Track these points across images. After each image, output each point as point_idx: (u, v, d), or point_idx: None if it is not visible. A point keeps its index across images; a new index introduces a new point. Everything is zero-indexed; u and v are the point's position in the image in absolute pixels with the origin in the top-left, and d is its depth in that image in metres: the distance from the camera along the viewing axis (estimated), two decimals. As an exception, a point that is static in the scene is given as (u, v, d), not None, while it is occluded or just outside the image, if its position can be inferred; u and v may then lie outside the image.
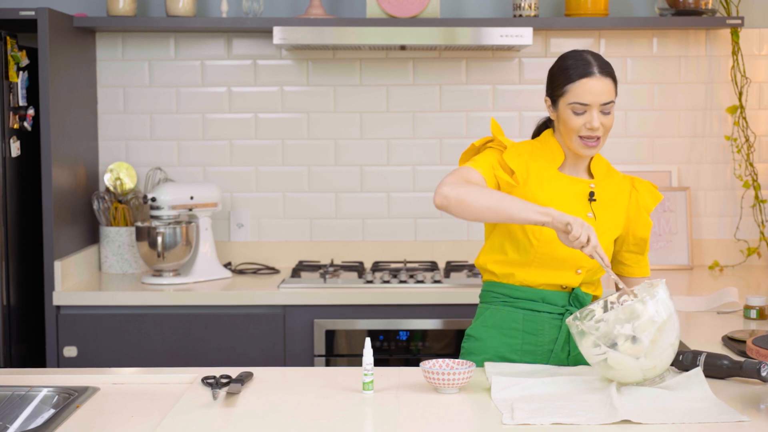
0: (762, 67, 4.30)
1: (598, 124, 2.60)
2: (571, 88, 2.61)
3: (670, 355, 2.35)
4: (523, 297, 2.70)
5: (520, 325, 2.70)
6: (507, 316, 2.72)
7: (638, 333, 2.30)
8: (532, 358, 2.70)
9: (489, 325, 2.73)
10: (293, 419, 2.25)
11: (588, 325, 2.34)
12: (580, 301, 2.70)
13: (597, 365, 2.37)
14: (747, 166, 4.28)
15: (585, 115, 2.61)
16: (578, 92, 2.60)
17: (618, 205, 2.74)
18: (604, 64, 2.64)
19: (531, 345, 2.70)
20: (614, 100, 2.64)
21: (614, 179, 2.77)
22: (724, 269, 4.24)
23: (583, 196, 2.70)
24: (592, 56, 2.65)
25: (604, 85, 2.61)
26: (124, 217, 4.13)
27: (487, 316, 2.75)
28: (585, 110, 2.61)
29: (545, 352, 2.70)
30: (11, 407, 2.41)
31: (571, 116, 2.62)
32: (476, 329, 2.76)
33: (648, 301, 2.32)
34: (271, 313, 3.76)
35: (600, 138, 2.64)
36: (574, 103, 2.61)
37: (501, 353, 2.71)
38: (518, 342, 2.70)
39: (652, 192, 2.78)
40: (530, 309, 2.70)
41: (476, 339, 2.75)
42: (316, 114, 4.31)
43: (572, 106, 2.62)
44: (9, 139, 3.68)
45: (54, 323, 3.73)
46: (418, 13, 4.04)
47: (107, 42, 4.27)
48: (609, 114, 2.63)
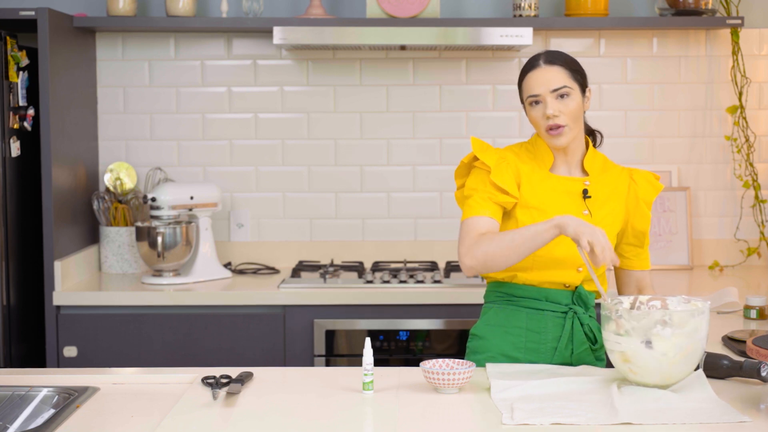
0: (762, 67, 4.30)
1: (552, 111, 2.64)
2: (523, 85, 2.70)
3: (685, 372, 2.36)
4: (527, 296, 2.71)
5: (524, 324, 2.71)
6: (510, 315, 2.72)
7: (678, 339, 2.30)
8: (536, 356, 2.70)
9: (493, 323, 2.74)
10: (293, 419, 2.25)
11: (633, 313, 2.32)
12: (584, 300, 2.70)
13: (613, 354, 2.36)
14: (747, 166, 4.28)
15: (541, 106, 2.66)
16: (528, 86, 2.68)
17: (616, 199, 2.74)
18: (553, 55, 2.69)
19: (534, 343, 2.70)
20: (568, 85, 2.65)
21: (611, 173, 2.77)
22: (724, 269, 4.24)
23: (578, 194, 2.71)
24: (545, 51, 2.72)
25: (550, 72, 2.66)
26: (124, 217, 4.13)
27: (490, 315, 2.76)
28: (539, 101, 2.66)
29: (549, 350, 2.70)
30: (11, 407, 2.41)
31: (530, 111, 2.69)
32: (480, 328, 2.77)
33: (700, 316, 2.33)
34: (271, 313, 3.76)
35: (564, 126, 2.65)
36: (528, 96, 2.68)
37: (505, 351, 2.71)
38: (522, 340, 2.71)
39: (651, 183, 2.78)
40: (533, 308, 2.71)
41: (480, 338, 2.76)
42: (316, 114, 4.31)
43: (528, 100, 2.69)
44: (9, 139, 3.68)
45: (54, 323, 3.73)
46: (418, 13, 4.04)
47: (107, 42, 4.27)
48: (567, 99, 2.65)
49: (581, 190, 2.71)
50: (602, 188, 2.73)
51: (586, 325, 2.71)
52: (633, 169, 2.80)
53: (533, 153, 2.74)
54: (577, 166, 2.74)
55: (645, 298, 2.48)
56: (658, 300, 2.47)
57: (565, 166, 2.74)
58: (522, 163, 2.71)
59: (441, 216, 4.32)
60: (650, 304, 2.47)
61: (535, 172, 2.71)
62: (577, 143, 2.72)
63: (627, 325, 2.32)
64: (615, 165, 2.80)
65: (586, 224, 2.50)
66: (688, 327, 2.30)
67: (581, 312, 2.70)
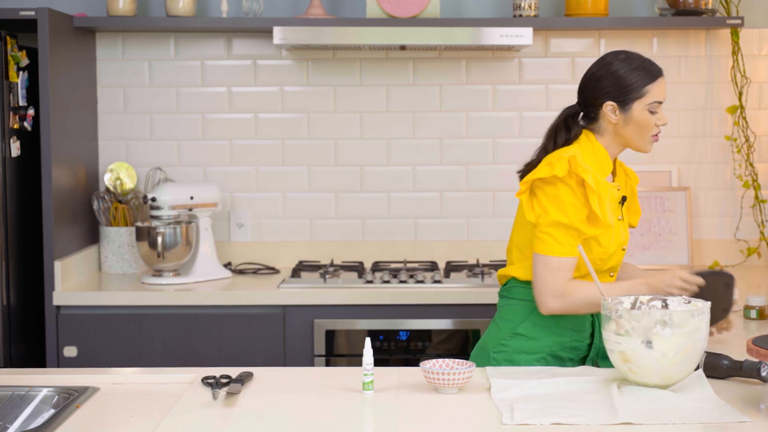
0: (762, 67, 4.30)
1: (666, 121, 2.71)
2: (651, 88, 2.68)
3: (685, 372, 2.36)
4: None
5: (570, 324, 2.75)
6: (559, 316, 2.74)
7: (678, 339, 2.30)
8: (575, 353, 2.77)
9: (541, 324, 2.75)
10: (293, 419, 2.25)
11: (633, 312, 2.33)
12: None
13: (613, 354, 2.36)
14: (747, 166, 4.28)
15: (659, 114, 2.69)
16: (657, 92, 2.68)
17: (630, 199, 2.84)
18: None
19: (576, 342, 2.76)
20: None
21: (623, 174, 2.84)
22: (724, 269, 4.24)
23: (616, 200, 2.75)
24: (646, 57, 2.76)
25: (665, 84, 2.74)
26: (124, 217, 4.13)
27: (536, 315, 2.75)
28: (657, 109, 2.69)
29: (584, 347, 2.77)
30: (11, 407, 2.41)
31: (648, 116, 2.68)
32: (528, 329, 2.76)
33: (700, 316, 2.33)
34: (271, 313, 3.76)
35: None
36: (654, 102, 2.68)
37: (554, 351, 2.76)
38: (567, 340, 2.76)
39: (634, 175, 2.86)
40: None
41: (529, 338, 2.76)
42: (316, 114, 4.31)
43: (651, 105, 2.67)
44: (9, 139, 3.68)
45: (54, 323, 3.73)
46: (418, 13, 4.04)
47: (107, 42, 4.27)
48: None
49: (620, 197, 2.76)
50: (626, 190, 2.81)
51: None
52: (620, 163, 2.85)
53: (599, 161, 2.72)
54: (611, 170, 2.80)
55: (645, 298, 2.49)
56: (659, 300, 2.47)
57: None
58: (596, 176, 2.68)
59: (441, 216, 4.32)
60: (650, 304, 2.47)
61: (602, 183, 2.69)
62: None
63: (627, 325, 2.32)
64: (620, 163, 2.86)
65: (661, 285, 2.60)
66: (688, 327, 2.30)
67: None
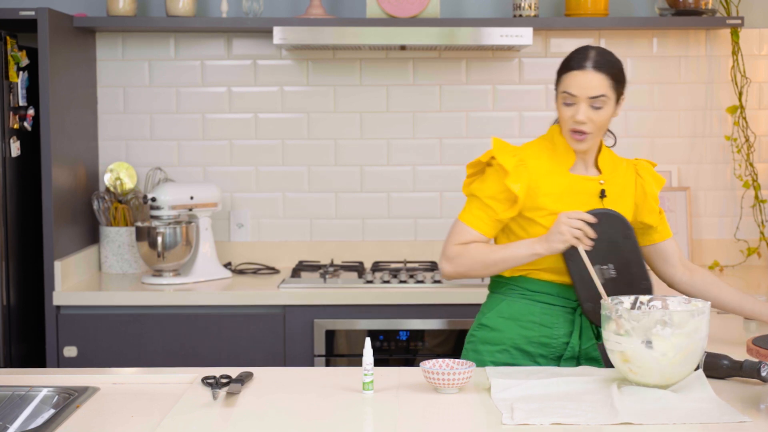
0: (762, 67, 4.30)
1: (582, 118, 2.63)
2: (563, 78, 2.67)
3: (685, 372, 2.36)
4: (540, 290, 2.73)
5: (537, 318, 2.73)
6: (524, 309, 2.74)
7: (677, 339, 2.30)
8: (547, 350, 2.73)
9: (506, 316, 2.75)
10: (293, 419, 2.25)
11: (633, 312, 2.33)
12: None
13: (613, 354, 2.36)
14: (747, 166, 4.28)
15: (573, 108, 2.65)
16: (567, 83, 2.65)
17: (627, 196, 2.77)
18: (603, 61, 2.65)
19: (546, 338, 2.73)
20: (606, 95, 2.64)
21: (620, 170, 2.78)
22: (724, 269, 4.24)
23: (595, 194, 2.71)
24: (596, 51, 2.67)
25: (595, 79, 2.63)
26: (124, 217, 4.13)
27: (503, 307, 2.76)
28: (574, 102, 2.64)
29: (560, 345, 2.73)
30: (11, 407, 2.41)
31: (562, 107, 2.67)
32: (492, 320, 2.77)
33: (700, 316, 2.33)
34: (271, 313, 3.76)
35: (589, 134, 2.66)
36: (564, 92, 2.66)
37: (518, 344, 2.74)
38: (535, 334, 2.73)
39: (655, 176, 2.80)
40: (546, 302, 2.73)
41: (493, 329, 2.76)
42: (316, 114, 4.31)
43: (563, 96, 2.66)
44: (9, 139, 3.68)
45: (54, 323, 3.73)
46: (418, 13, 4.04)
47: (107, 42, 4.27)
48: (600, 109, 2.64)
49: (598, 190, 2.71)
50: (615, 186, 2.75)
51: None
52: (637, 161, 2.82)
53: (553, 151, 2.73)
54: (592, 164, 2.76)
55: (645, 298, 2.49)
56: (659, 300, 2.47)
57: (583, 164, 2.75)
58: (541, 164, 2.71)
59: (441, 216, 4.32)
60: (650, 304, 2.47)
61: (554, 172, 2.71)
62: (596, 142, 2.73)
63: (627, 325, 2.32)
64: (621, 159, 2.82)
65: (551, 235, 2.57)
66: (688, 327, 2.30)
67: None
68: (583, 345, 2.74)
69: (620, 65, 2.70)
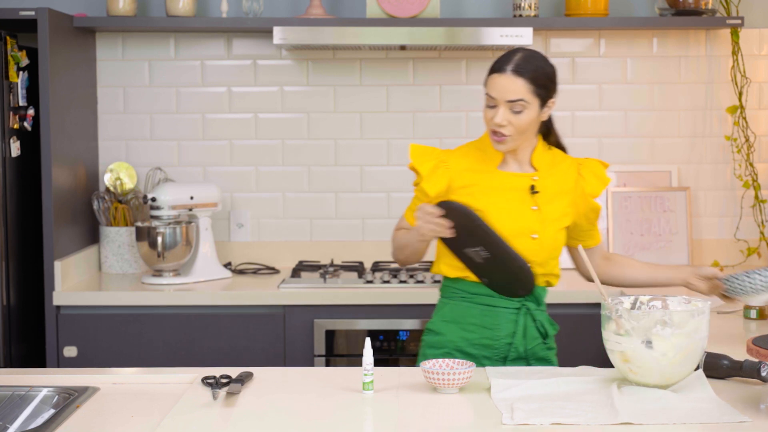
0: (762, 67, 4.30)
1: (500, 120, 2.65)
2: (487, 80, 2.70)
3: (685, 372, 2.36)
4: (480, 292, 2.75)
5: (478, 320, 2.75)
6: (465, 311, 2.76)
7: (678, 339, 2.30)
8: (490, 352, 2.75)
9: (448, 319, 2.78)
10: (293, 419, 2.25)
11: (633, 312, 2.33)
12: (535, 296, 2.76)
13: (613, 354, 2.36)
14: (747, 166, 4.28)
15: (493, 110, 2.67)
16: (489, 85, 2.68)
17: (564, 194, 2.77)
18: (525, 66, 2.65)
19: (488, 339, 2.75)
20: (526, 99, 2.64)
21: (560, 168, 2.79)
22: (724, 269, 4.24)
23: (525, 190, 2.74)
24: (521, 55, 2.67)
25: (514, 84, 2.64)
26: (124, 217, 4.13)
27: (446, 311, 2.80)
28: (494, 104, 2.67)
29: (503, 346, 2.74)
30: (11, 407, 2.41)
31: (485, 108, 2.70)
32: (436, 324, 2.81)
33: (700, 316, 2.33)
34: (271, 313, 3.76)
35: (508, 136, 2.67)
36: (486, 94, 2.69)
37: (460, 347, 2.76)
38: (476, 336, 2.75)
39: (598, 176, 2.80)
40: (487, 304, 2.75)
41: (436, 333, 2.80)
42: (316, 114, 4.31)
43: (486, 97, 2.69)
44: (9, 139, 3.68)
45: (54, 323, 3.73)
46: (418, 13, 4.04)
47: (107, 42, 4.27)
48: (520, 113, 2.65)
49: (529, 186, 2.73)
50: (551, 183, 2.76)
51: (538, 320, 2.76)
52: (582, 160, 2.83)
53: (483, 151, 2.78)
54: (527, 162, 2.78)
55: (645, 298, 2.49)
56: (659, 300, 2.47)
57: (516, 163, 2.77)
58: (467, 162, 2.75)
59: (441, 216, 4.31)
60: (650, 304, 2.47)
61: (483, 171, 2.75)
62: (526, 143, 2.74)
63: (627, 325, 2.32)
64: (566, 157, 2.82)
65: (419, 221, 2.61)
66: (688, 327, 2.30)
67: (533, 308, 2.76)
68: (528, 345, 2.75)
69: (547, 70, 2.68)
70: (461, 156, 2.77)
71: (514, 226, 2.69)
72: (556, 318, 2.84)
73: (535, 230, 2.70)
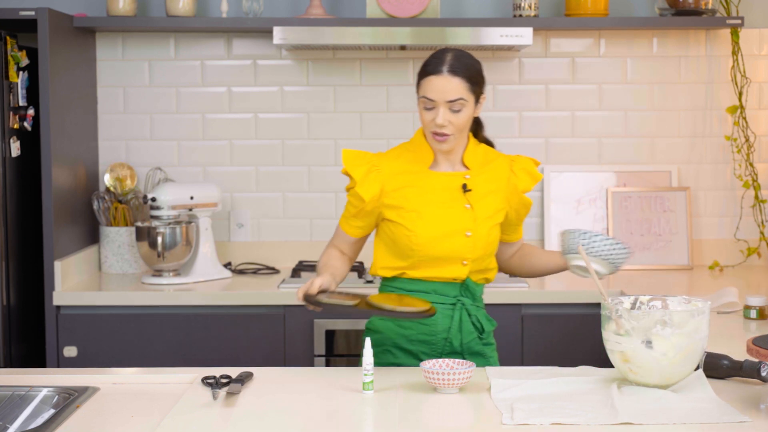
0: (762, 67, 4.30)
1: (441, 121, 2.68)
2: (422, 83, 2.72)
3: (685, 372, 2.36)
4: (416, 290, 2.78)
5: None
6: None
7: (677, 339, 2.30)
8: (428, 347, 2.78)
9: (385, 317, 2.80)
10: (293, 419, 2.25)
11: (633, 312, 2.33)
12: (471, 291, 2.79)
13: (613, 354, 2.36)
14: (747, 166, 4.28)
15: (433, 111, 2.69)
16: (426, 88, 2.70)
17: (496, 191, 2.80)
18: (458, 64, 2.68)
19: (425, 335, 2.77)
20: (464, 97, 2.67)
21: (493, 165, 2.82)
22: (724, 269, 4.24)
23: (458, 189, 2.76)
24: (452, 55, 2.70)
25: (451, 83, 2.67)
26: (124, 217, 4.13)
27: None
28: (433, 106, 2.69)
29: (440, 341, 2.78)
30: (11, 407, 2.41)
31: (422, 111, 2.72)
32: (375, 322, 2.84)
33: (700, 316, 2.33)
34: (271, 313, 3.76)
35: (450, 135, 2.70)
36: (423, 97, 2.70)
37: (399, 344, 2.79)
38: (413, 332, 2.78)
39: (529, 172, 2.84)
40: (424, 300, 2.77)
41: (375, 331, 2.83)
42: (316, 114, 4.31)
43: (422, 100, 2.71)
44: (9, 139, 3.68)
45: (54, 323, 3.73)
46: (418, 13, 4.04)
47: (107, 42, 4.27)
48: (459, 112, 2.68)
49: (461, 185, 2.76)
50: (483, 181, 2.79)
51: (474, 315, 2.79)
52: (514, 157, 2.86)
53: (414, 152, 2.80)
54: (459, 162, 2.80)
55: (645, 298, 2.49)
56: (659, 300, 2.47)
57: (448, 163, 2.80)
58: (399, 165, 2.77)
59: (441, 216, 4.31)
60: (650, 304, 2.47)
61: (415, 172, 2.77)
62: (459, 142, 2.77)
63: (627, 325, 2.32)
64: (498, 155, 2.85)
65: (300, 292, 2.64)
66: (688, 327, 2.30)
67: (469, 303, 2.79)
68: (464, 339, 2.78)
69: (477, 67, 2.73)
70: (393, 159, 2.80)
71: (448, 225, 2.73)
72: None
73: (468, 228, 2.74)
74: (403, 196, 2.74)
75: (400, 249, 2.75)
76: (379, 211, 2.77)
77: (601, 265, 2.71)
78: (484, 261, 2.79)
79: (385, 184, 2.75)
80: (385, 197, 2.75)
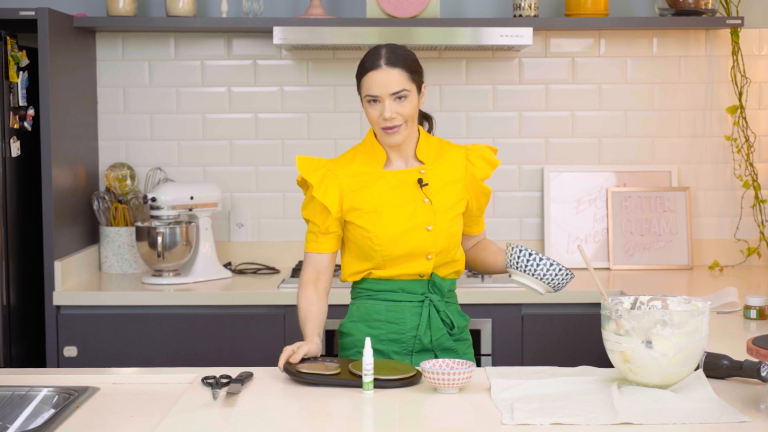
0: (762, 67, 4.30)
1: (389, 114, 2.68)
2: (362, 82, 2.72)
3: (685, 372, 2.36)
4: (384, 289, 2.79)
5: (383, 316, 2.79)
6: (370, 309, 2.81)
7: (677, 339, 2.30)
8: (398, 346, 2.78)
9: (355, 319, 2.82)
10: (293, 419, 2.25)
11: (633, 312, 2.33)
12: (438, 287, 2.79)
13: (613, 354, 2.36)
14: (747, 166, 4.28)
15: (379, 106, 2.70)
16: (367, 85, 2.70)
17: (454, 182, 2.80)
18: (395, 56, 2.70)
19: (395, 334, 2.78)
20: (407, 87, 2.68)
21: (447, 157, 2.82)
22: (724, 269, 4.24)
23: (415, 184, 2.77)
24: (387, 49, 2.72)
25: (391, 75, 2.68)
26: (124, 217, 4.13)
27: (353, 310, 2.85)
28: (378, 101, 2.69)
29: (409, 339, 2.78)
30: (11, 407, 2.41)
31: (368, 108, 2.72)
32: (345, 325, 2.85)
33: (700, 316, 2.33)
34: (271, 313, 3.76)
35: (401, 125, 2.71)
36: (366, 95, 2.71)
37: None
38: (383, 332, 2.79)
39: (486, 159, 2.82)
40: (391, 300, 2.79)
41: (346, 335, 2.84)
42: (316, 114, 4.31)
43: (366, 99, 2.71)
44: (9, 139, 3.68)
45: (54, 323, 3.73)
46: (418, 13, 4.04)
47: (107, 42, 4.27)
48: (405, 101, 2.69)
49: (417, 180, 2.76)
50: (439, 174, 2.79)
51: (442, 311, 2.80)
52: (470, 146, 2.85)
53: (367, 153, 2.80)
54: (412, 158, 2.80)
55: (645, 298, 2.49)
56: (659, 300, 2.47)
57: (401, 159, 2.80)
58: (354, 167, 2.78)
59: (441, 216, 4.31)
60: (650, 304, 2.47)
61: (370, 173, 2.78)
62: (410, 137, 2.77)
63: (627, 325, 2.32)
64: (452, 146, 2.85)
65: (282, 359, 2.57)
66: (688, 327, 2.30)
67: (437, 299, 2.79)
68: (433, 336, 2.78)
69: (413, 56, 2.74)
70: (347, 162, 2.80)
71: (408, 222, 2.73)
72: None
73: (429, 222, 2.74)
74: (361, 197, 2.75)
75: (364, 251, 2.76)
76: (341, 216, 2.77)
77: (540, 285, 2.70)
78: (449, 253, 2.78)
79: (343, 187, 2.76)
80: (344, 201, 2.75)
